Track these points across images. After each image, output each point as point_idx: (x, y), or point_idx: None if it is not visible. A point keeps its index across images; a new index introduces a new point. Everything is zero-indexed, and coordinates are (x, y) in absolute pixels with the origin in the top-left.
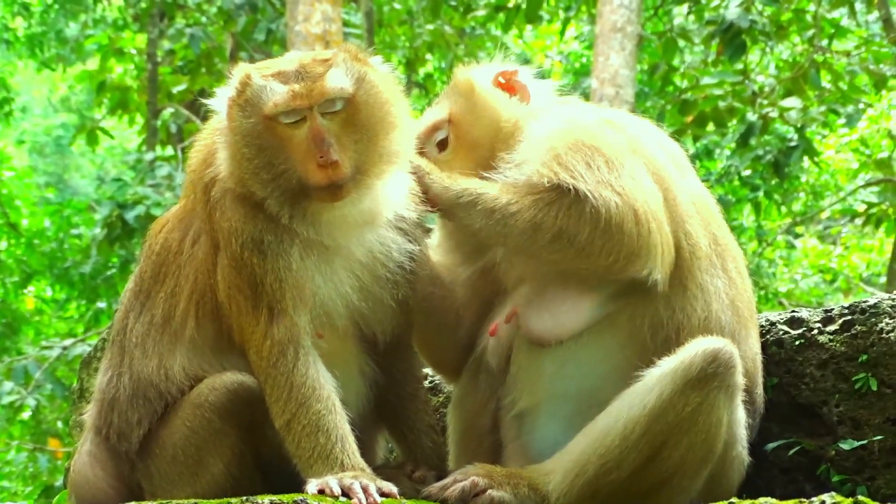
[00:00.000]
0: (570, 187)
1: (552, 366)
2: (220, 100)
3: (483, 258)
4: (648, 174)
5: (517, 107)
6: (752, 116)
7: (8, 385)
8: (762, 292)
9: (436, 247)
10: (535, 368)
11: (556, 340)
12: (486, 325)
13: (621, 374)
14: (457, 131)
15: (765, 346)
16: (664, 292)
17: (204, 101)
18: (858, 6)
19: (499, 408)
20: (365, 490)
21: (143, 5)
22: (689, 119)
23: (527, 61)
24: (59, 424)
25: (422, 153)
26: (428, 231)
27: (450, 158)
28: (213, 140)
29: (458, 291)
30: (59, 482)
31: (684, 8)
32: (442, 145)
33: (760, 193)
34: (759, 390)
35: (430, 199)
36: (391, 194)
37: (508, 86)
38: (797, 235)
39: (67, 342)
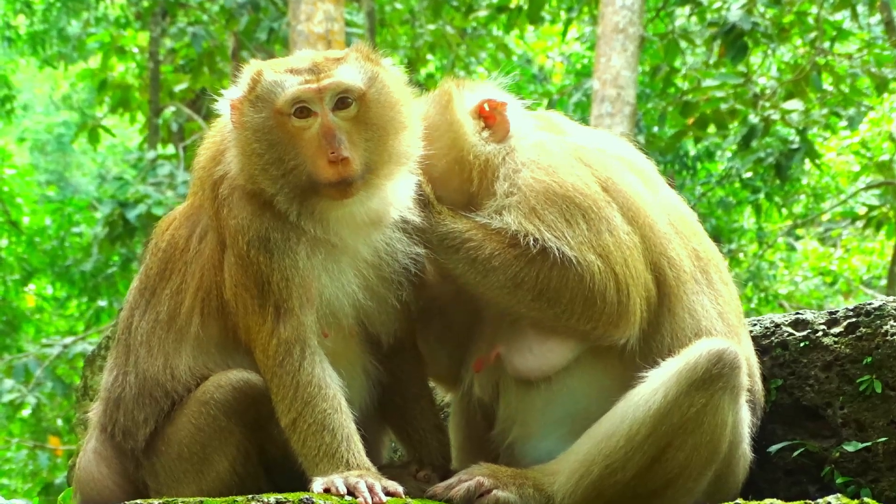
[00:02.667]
0: (554, 248)
1: (542, 399)
2: (230, 97)
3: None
4: (623, 219)
5: (486, 145)
6: (753, 118)
7: (8, 383)
8: (762, 294)
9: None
10: (525, 404)
11: (542, 377)
12: (471, 349)
13: (614, 391)
14: (424, 140)
15: (769, 348)
16: (653, 323)
17: (210, 98)
18: (860, 9)
19: (492, 434)
20: (370, 489)
21: (146, 4)
22: (691, 121)
23: (528, 62)
24: (60, 422)
25: None
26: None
27: None
28: (222, 137)
29: (447, 305)
30: (59, 480)
31: (686, 9)
32: None
33: (761, 195)
34: (759, 386)
35: (419, 232)
36: (398, 196)
37: (490, 116)
38: (798, 238)
39: (68, 340)
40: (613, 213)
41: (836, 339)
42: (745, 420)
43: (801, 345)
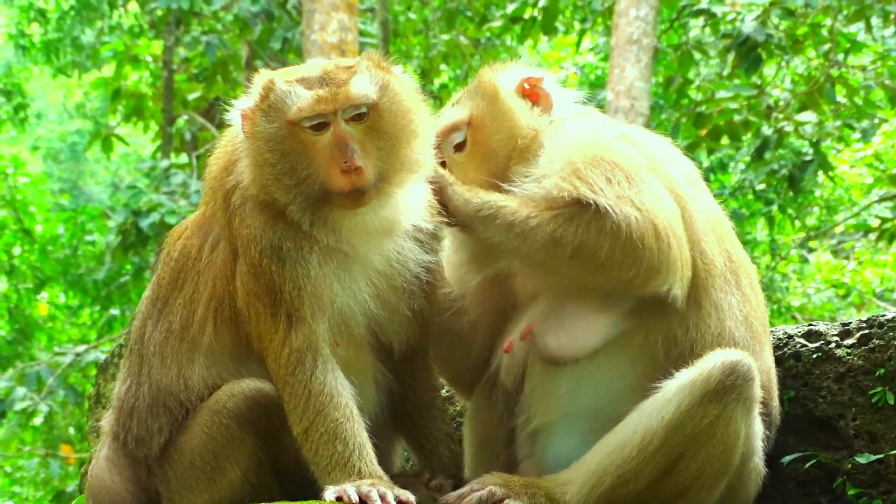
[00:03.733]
0: (591, 202)
1: (567, 384)
2: (241, 106)
3: (496, 267)
4: (667, 192)
5: (537, 119)
6: (767, 130)
7: (21, 391)
8: (775, 306)
9: (448, 256)
10: (550, 387)
11: (571, 359)
12: (500, 341)
13: (635, 391)
14: (475, 135)
15: (782, 359)
16: (680, 310)
17: (223, 107)
18: (874, 21)
19: (513, 425)
20: (382, 498)
21: (160, 13)
22: (704, 132)
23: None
24: (72, 430)
25: (437, 149)
26: (441, 241)
27: (465, 161)
28: (234, 147)
29: (471, 304)
30: (70, 488)
31: (700, 21)
32: (458, 147)
33: (774, 207)
34: (776, 402)
35: (450, 210)
36: (410, 204)
37: (532, 92)
38: (811, 250)
39: (80, 348)
40: (658, 183)
41: (849, 351)
42: (758, 433)
43: (814, 356)
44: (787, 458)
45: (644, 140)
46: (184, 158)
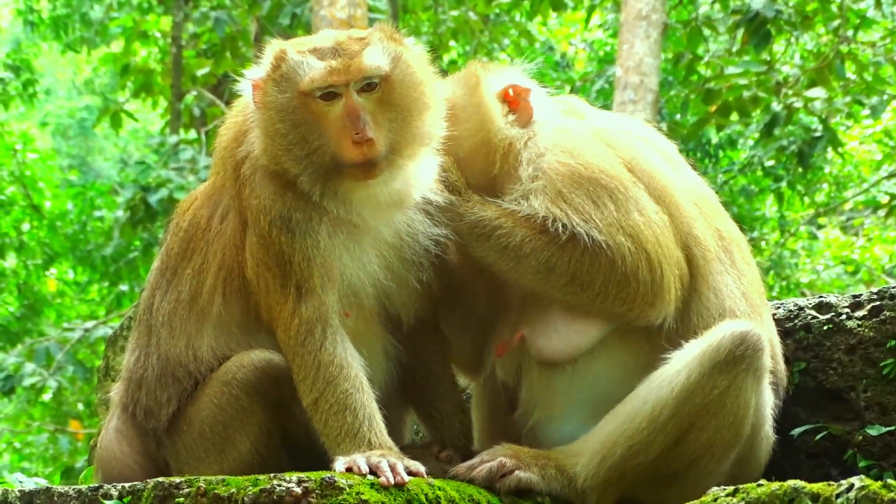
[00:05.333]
0: (584, 233)
1: (565, 382)
2: (253, 77)
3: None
4: (651, 197)
5: (510, 129)
6: (776, 106)
7: (29, 367)
8: (784, 283)
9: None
10: (548, 386)
11: (567, 359)
12: (493, 337)
13: (636, 375)
14: (448, 121)
15: (792, 331)
16: (679, 305)
17: (232, 83)
18: None
19: (515, 415)
20: (392, 468)
21: None
22: (713, 108)
23: (551, 49)
24: (80, 406)
25: None
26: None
27: None
28: (244, 117)
29: (471, 285)
30: (79, 463)
31: None
32: None
33: (783, 184)
34: (781, 366)
35: (448, 219)
36: (420, 176)
37: (514, 101)
38: (820, 226)
39: (89, 324)
40: (640, 193)
41: (859, 323)
42: (768, 402)
43: (825, 328)
44: (798, 430)
45: (618, 137)
46: (192, 134)
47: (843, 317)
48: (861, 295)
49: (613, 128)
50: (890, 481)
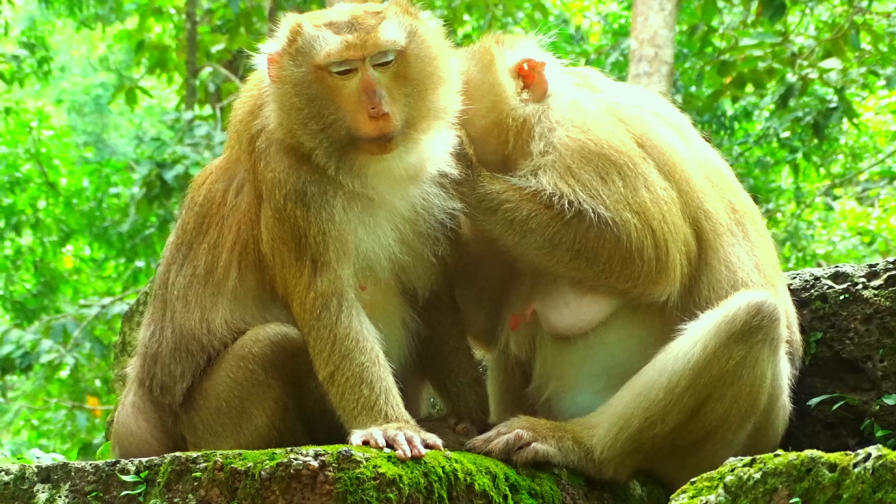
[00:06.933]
0: (590, 209)
1: (578, 355)
2: (268, 50)
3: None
4: (660, 174)
5: (525, 106)
6: (791, 78)
7: (46, 343)
8: (800, 254)
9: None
10: (562, 359)
11: (579, 333)
12: (505, 311)
13: (651, 344)
14: (462, 97)
15: (808, 301)
16: (691, 276)
17: (247, 58)
18: None
19: (530, 389)
20: (409, 441)
21: None
22: (728, 80)
23: (565, 22)
24: (98, 383)
25: None
26: None
27: None
28: (260, 91)
29: (484, 258)
30: (97, 440)
31: None
32: None
33: (799, 155)
34: (797, 336)
35: (458, 192)
36: (435, 150)
37: (529, 75)
38: (835, 197)
39: (106, 301)
40: (650, 169)
41: (875, 292)
42: (784, 372)
43: (841, 298)
44: (815, 400)
45: (630, 111)
46: (207, 110)
47: (860, 286)
48: (877, 264)
49: (626, 102)
50: None
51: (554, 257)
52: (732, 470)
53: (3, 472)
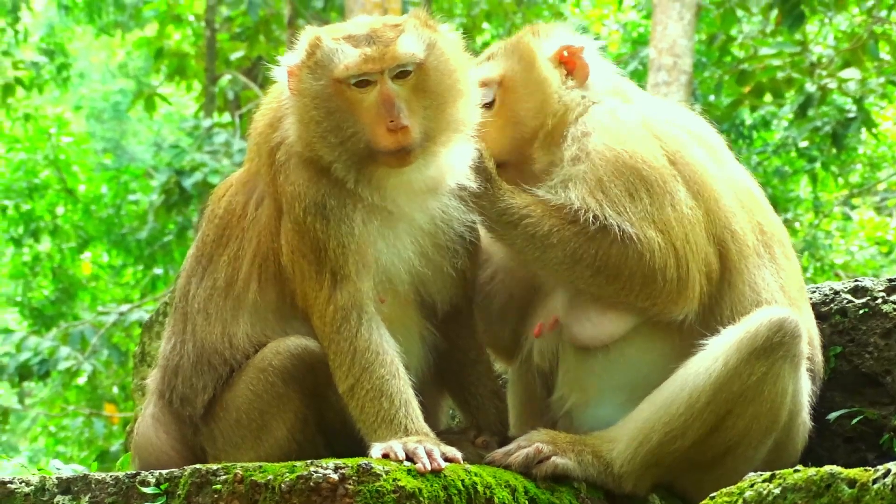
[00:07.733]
0: (615, 225)
1: (600, 366)
2: (287, 63)
3: None
4: (688, 193)
5: (568, 94)
6: (810, 87)
7: (64, 350)
8: (818, 264)
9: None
10: (584, 370)
11: (601, 345)
12: (530, 320)
13: (673, 359)
14: (505, 97)
15: (828, 315)
16: (712, 296)
17: (266, 66)
18: None
19: (551, 400)
20: (429, 454)
21: None
22: (747, 89)
23: (584, 30)
24: (115, 390)
25: None
26: None
27: (489, 122)
28: (279, 104)
29: (502, 279)
30: (114, 447)
31: None
32: (486, 106)
33: (818, 165)
34: (819, 356)
35: (478, 206)
36: (455, 163)
37: (570, 61)
38: (854, 207)
39: (124, 308)
40: (678, 188)
41: (895, 307)
42: (805, 389)
43: (861, 312)
44: (834, 415)
45: (664, 127)
46: (226, 118)
47: (879, 301)
48: None
49: (661, 117)
50: None
51: (574, 273)
52: (752, 485)
53: (23, 484)
